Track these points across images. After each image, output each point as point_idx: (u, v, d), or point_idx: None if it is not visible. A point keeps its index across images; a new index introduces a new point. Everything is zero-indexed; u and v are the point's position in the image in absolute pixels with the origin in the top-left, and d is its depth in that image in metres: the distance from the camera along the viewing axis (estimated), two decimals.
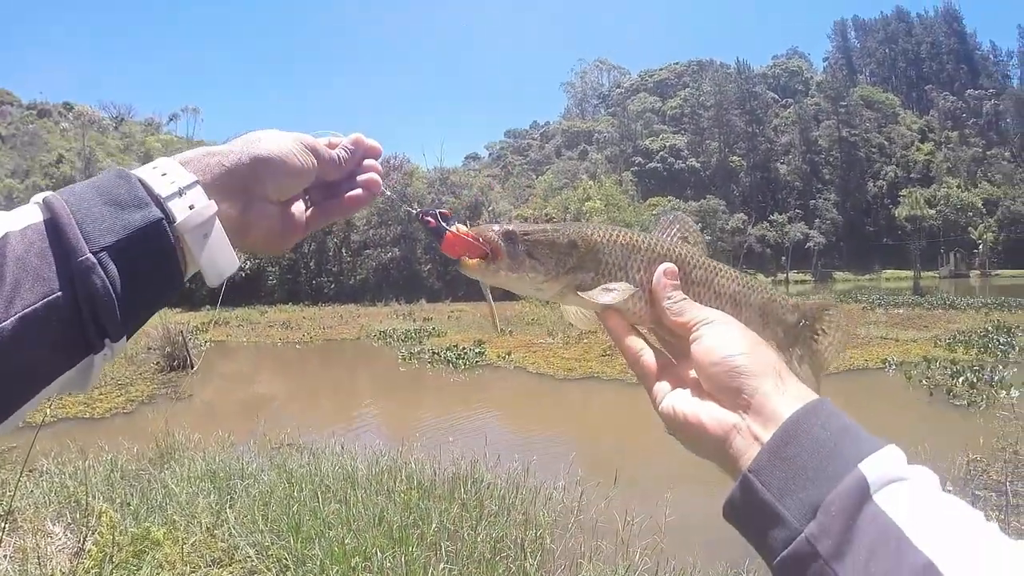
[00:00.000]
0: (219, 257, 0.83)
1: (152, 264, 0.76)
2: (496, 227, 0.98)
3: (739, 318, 0.92)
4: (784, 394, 0.74)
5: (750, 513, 0.70)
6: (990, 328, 22.41)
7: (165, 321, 20.32)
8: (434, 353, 20.75)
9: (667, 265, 0.95)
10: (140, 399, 15.27)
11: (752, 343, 0.81)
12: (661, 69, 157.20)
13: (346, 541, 5.16)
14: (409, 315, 37.23)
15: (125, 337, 0.75)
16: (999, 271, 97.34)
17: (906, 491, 0.63)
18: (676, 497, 6.78)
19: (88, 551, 4.85)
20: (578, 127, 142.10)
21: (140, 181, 0.78)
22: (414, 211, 1.03)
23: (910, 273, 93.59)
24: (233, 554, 5.28)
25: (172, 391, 16.37)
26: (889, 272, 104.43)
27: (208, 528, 5.64)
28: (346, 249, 62.60)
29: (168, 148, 72.10)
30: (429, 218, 1.00)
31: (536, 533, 5.87)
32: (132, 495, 6.61)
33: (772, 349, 0.83)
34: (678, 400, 0.84)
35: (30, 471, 7.41)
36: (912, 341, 20.62)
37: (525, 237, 0.97)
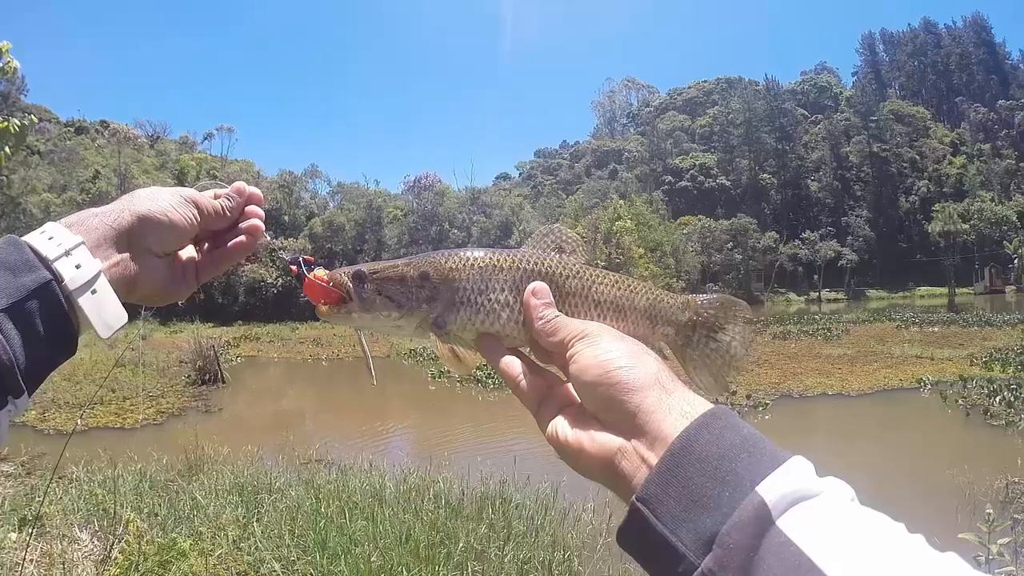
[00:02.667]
0: (107, 311, 0.86)
1: (45, 323, 0.80)
2: (347, 269, 0.98)
3: (624, 325, 0.92)
4: (670, 409, 0.70)
5: (641, 543, 0.65)
6: None
7: (197, 336, 20.52)
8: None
9: (534, 285, 0.92)
10: (171, 411, 15.49)
11: (630, 353, 0.77)
12: (689, 87, 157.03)
13: (372, 559, 5.14)
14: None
15: (27, 394, 0.78)
16: None
17: (813, 512, 0.58)
18: None
19: (114, 559, 4.88)
20: (607, 146, 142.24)
21: (29, 247, 0.82)
22: (285, 258, 1.04)
23: (944, 290, 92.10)
24: (259, 568, 5.28)
25: (203, 404, 16.58)
26: (923, 289, 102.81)
27: (234, 541, 5.65)
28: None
29: (202, 166, 73.19)
30: (293, 266, 1.01)
31: (564, 555, 5.82)
32: (160, 505, 6.66)
33: (655, 356, 0.78)
34: (560, 424, 0.80)
35: (60, 478, 7.50)
36: (947, 360, 20.26)
37: (374, 275, 0.96)
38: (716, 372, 1.02)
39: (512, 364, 0.89)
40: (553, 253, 0.98)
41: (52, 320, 0.80)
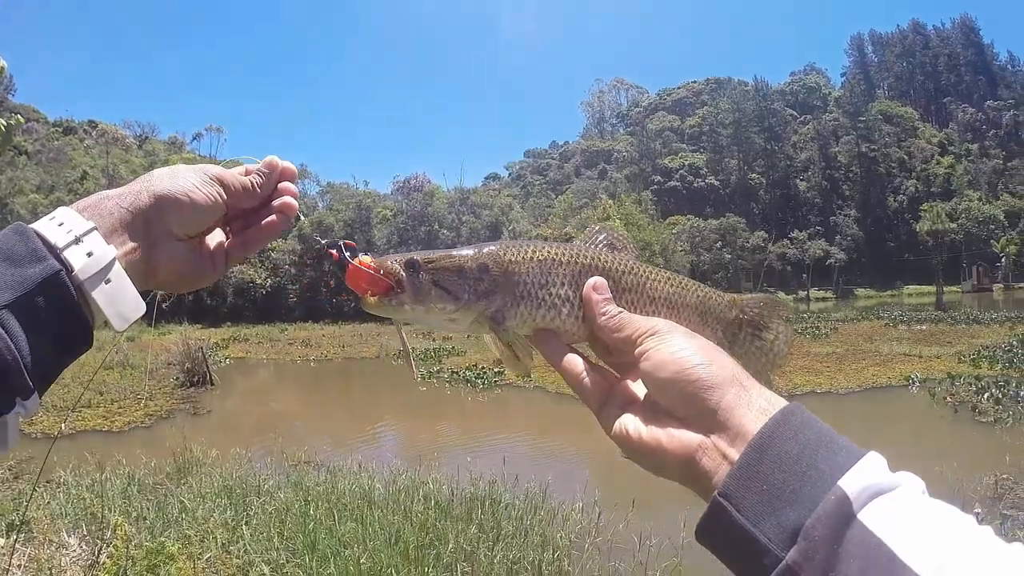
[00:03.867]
0: (122, 301, 0.81)
1: (55, 317, 0.75)
2: (398, 256, 0.92)
3: (677, 321, 0.88)
4: (750, 405, 0.70)
5: (724, 538, 0.65)
6: (1015, 342, 22.08)
7: (186, 337, 20.43)
8: (453, 373, 20.74)
9: (594, 279, 0.90)
10: (159, 413, 15.41)
11: (704, 350, 0.76)
12: (679, 87, 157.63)
13: (362, 561, 5.14)
14: (429, 334, 37.30)
15: (37, 394, 0.74)
16: (1022, 284, 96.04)
17: (892, 504, 0.59)
18: (693, 518, 6.66)
19: (102, 564, 4.84)
20: (597, 146, 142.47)
21: (37, 234, 0.77)
22: (321, 242, 0.98)
23: (932, 288, 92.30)
24: (248, 571, 5.27)
25: (191, 406, 16.51)
26: (911, 287, 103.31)
27: (223, 544, 5.64)
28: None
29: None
30: (333, 250, 0.94)
31: (554, 555, 5.83)
32: (148, 509, 6.63)
33: (726, 353, 0.78)
34: (631, 422, 0.79)
35: (47, 482, 7.46)
36: (936, 357, 20.34)
37: (429, 264, 0.91)
38: (760, 370, 1.02)
39: (575, 361, 0.89)
40: (606, 249, 0.98)
41: (62, 313, 0.75)
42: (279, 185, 1.02)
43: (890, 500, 0.59)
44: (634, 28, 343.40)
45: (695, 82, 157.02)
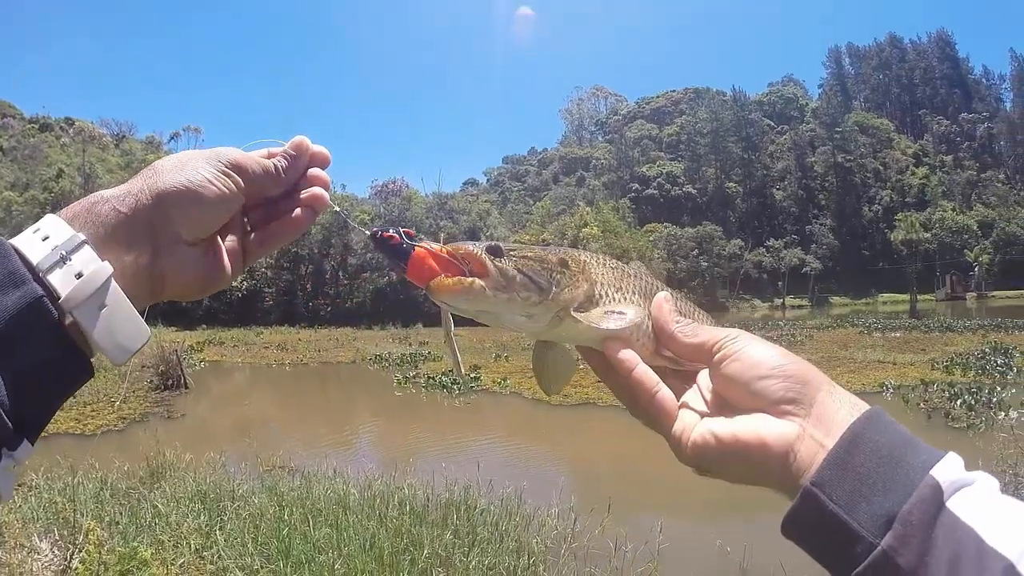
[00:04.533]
0: (122, 330, 0.71)
1: (38, 352, 0.64)
2: (475, 244, 0.85)
3: None
4: (841, 402, 0.71)
5: (814, 528, 0.66)
6: (987, 350, 22.52)
7: (160, 340, 20.24)
8: (429, 378, 20.66)
9: (664, 292, 0.90)
10: (132, 417, 15.24)
11: (790, 353, 0.76)
12: (658, 96, 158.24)
13: (336, 566, 5.13)
14: (405, 339, 37.18)
15: (27, 441, 0.64)
16: (995, 292, 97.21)
17: (975, 495, 0.62)
18: (669, 524, 6.74)
19: (75, 569, 4.80)
20: (575, 154, 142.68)
21: (16, 251, 0.66)
22: (367, 232, 0.88)
23: (906, 296, 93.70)
24: None
25: (165, 410, 16.35)
26: (886, 296, 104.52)
27: (197, 550, 5.60)
28: (343, 272, 62.80)
29: None
30: (392, 234, 0.85)
31: (529, 560, 5.84)
32: (121, 514, 6.57)
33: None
34: (717, 425, 0.75)
35: (19, 485, 7.34)
36: (909, 364, 20.62)
37: (512, 252, 0.85)
38: None
39: (647, 372, 0.82)
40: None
41: (47, 348, 0.65)
42: (308, 172, 0.90)
43: (973, 492, 0.62)
44: (614, 37, 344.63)
45: (674, 91, 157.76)
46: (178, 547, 5.65)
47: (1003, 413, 12.91)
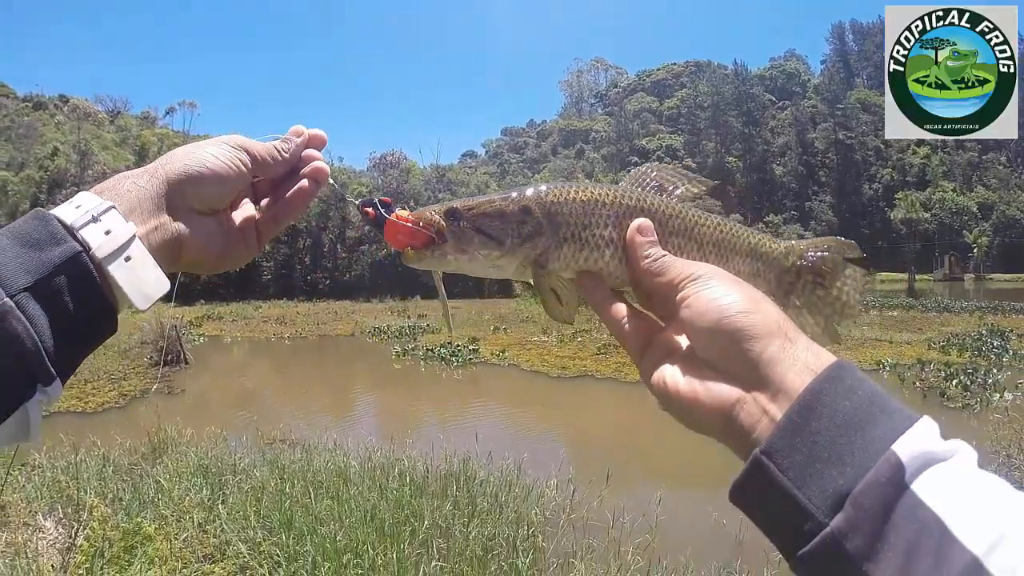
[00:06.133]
0: (144, 279, 0.78)
1: (76, 299, 0.72)
2: (437, 207, 0.90)
3: (727, 269, 0.82)
4: (795, 359, 0.65)
5: (762, 500, 0.62)
6: (984, 331, 22.55)
7: (159, 316, 20.22)
8: (428, 350, 20.74)
9: (639, 221, 0.86)
10: (133, 393, 15.25)
11: (750, 298, 0.71)
12: (658, 69, 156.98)
13: (338, 538, 5.17)
14: (404, 312, 37.19)
15: (60, 380, 0.70)
16: (993, 275, 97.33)
17: (946, 474, 0.56)
18: (667, 496, 6.79)
19: (79, 546, 4.84)
20: (575, 126, 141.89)
21: (56, 219, 0.74)
22: (355, 202, 0.96)
23: (904, 276, 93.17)
24: (225, 550, 5.28)
25: (165, 386, 16.37)
26: (884, 274, 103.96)
27: (200, 524, 5.64)
28: (341, 245, 62.65)
29: (164, 142, 71.86)
30: (368, 208, 0.92)
31: (528, 531, 5.88)
32: (124, 490, 6.61)
33: (772, 303, 0.72)
34: (670, 373, 0.74)
35: (21, 465, 7.38)
36: (906, 343, 20.69)
37: (469, 211, 0.89)
38: (825, 322, 0.97)
39: (616, 307, 0.84)
40: (654, 191, 0.94)
41: (83, 296, 0.72)
42: (306, 152, 0.98)
43: (945, 470, 0.56)
44: (614, 8, 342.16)
45: (675, 64, 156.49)
46: (181, 521, 5.70)
47: (998, 394, 12.98)
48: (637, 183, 0.96)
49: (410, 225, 0.88)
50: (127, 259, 0.76)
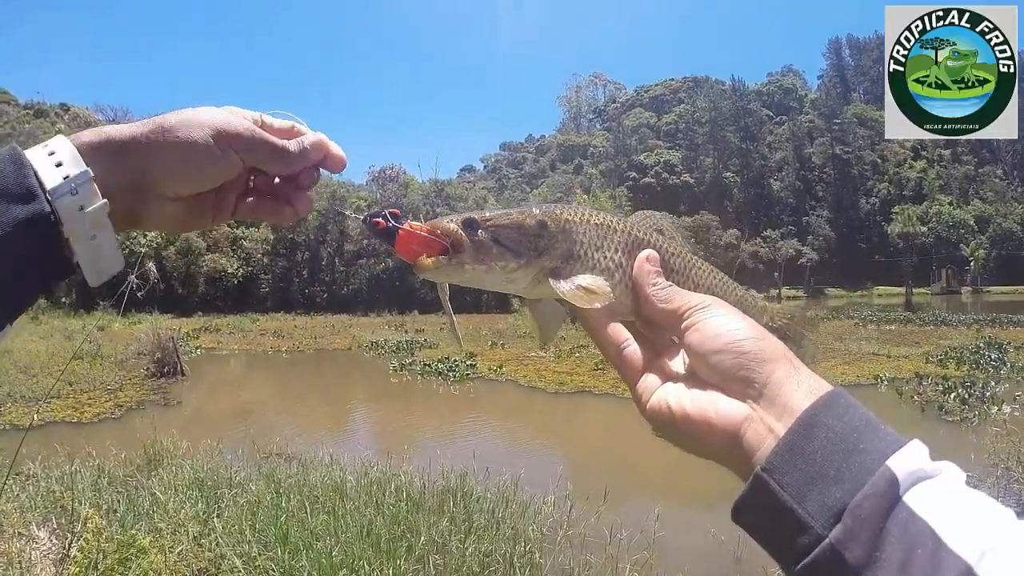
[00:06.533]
0: (104, 258, 0.78)
1: (34, 256, 0.73)
2: (454, 216, 0.89)
3: None
4: (799, 384, 0.68)
5: (764, 516, 0.64)
6: (982, 344, 22.56)
7: (156, 327, 20.21)
8: (425, 365, 20.70)
9: (649, 251, 0.89)
10: (129, 404, 15.23)
11: (757, 328, 0.75)
12: (656, 85, 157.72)
13: (334, 553, 5.14)
14: (401, 326, 37.18)
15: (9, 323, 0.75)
16: (990, 288, 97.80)
17: (936, 489, 0.58)
18: (665, 512, 6.77)
19: (73, 557, 4.81)
20: (573, 141, 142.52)
21: (34, 171, 0.73)
22: (360, 217, 0.93)
23: (902, 289, 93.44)
24: (220, 564, 5.24)
25: (162, 397, 16.35)
26: (881, 288, 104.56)
27: (195, 537, 5.60)
28: (339, 259, 62.68)
29: None
30: (378, 219, 0.90)
31: (525, 548, 5.85)
32: (119, 502, 6.57)
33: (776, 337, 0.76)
34: (673, 394, 0.76)
35: (16, 474, 7.34)
36: (904, 357, 20.71)
37: (487, 223, 0.88)
38: None
39: (618, 329, 0.86)
40: (654, 232, 0.96)
41: (41, 255, 0.73)
42: (312, 171, 0.92)
43: (935, 485, 0.59)
44: (613, 24, 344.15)
45: (672, 80, 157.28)
46: (176, 534, 5.65)
47: (996, 407, 12.95)
48: (643, 221, 0.98)
49: (425, 234, 0.88)
50: (92, 239, 0.76)
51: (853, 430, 0.62)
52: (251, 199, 0.93)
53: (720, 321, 0.75)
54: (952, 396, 14.05)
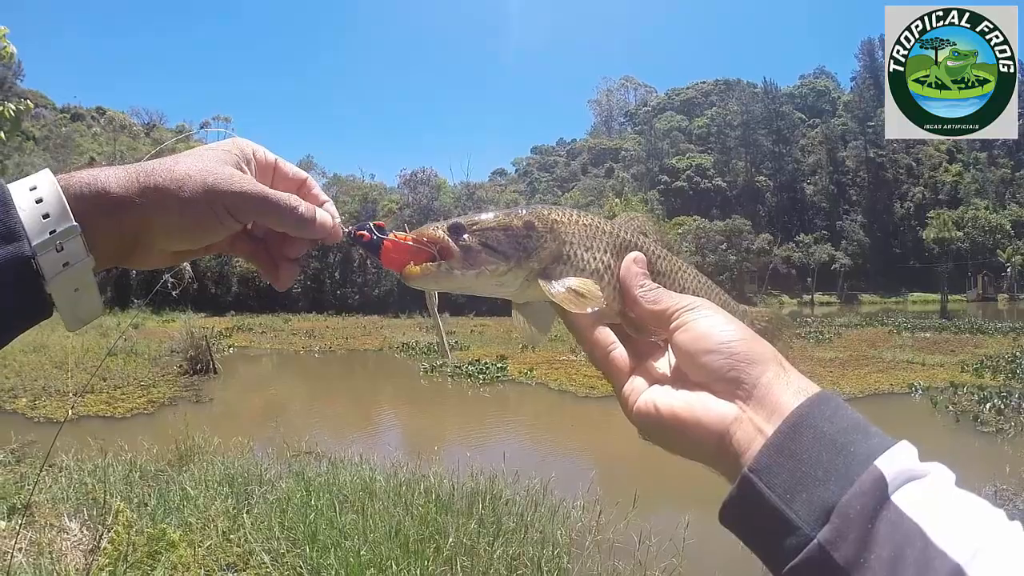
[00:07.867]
0: (83, 307, 0.77)
1: (10, 297, 0.70)
2: (439, 223, 0.88)
3: None
4: (788, 384, 0.69)
5: (752, 517, 0.64)
6: (1018, 353, 22.10)
7: (189, 325, 20.48)
8: (456, 367, 20.74)
9: (636, 253, 0.89)
10: (162, 401, 15.45)
11: (746, 329, 0.75)
12: (688, 88, 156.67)
13: (362, 552, 5.14)
14: (432, 328, 37.21)
15: None
16: None
17: (925, 489, 0.58)
18: (695, 519, 6.69)
19: (103, 549, 4.85)
20: (604, 145, 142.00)
21: (16, 211, 0.71)
22: (344, 231, 0.92)
23: (937, 296, 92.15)
24: (248, 560, 5.29)
25: (194, 394, 16.54)
26: (916, 295, 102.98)
27: (224, 532, 5.65)
28: (371, 261, 63.07)
29: None
30: (363, 232, 0.89)
31: (553, 552, 5.82)
32: (150, 496, 6.65)
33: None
34: (660, 396, 0.76)
35: (50, 466, 7.46)
36: (939, 366, 20.36)
37: (474, 226, 0.87)
38: None
39: (605, 332, 0.86)
40: (640, 235, 0.96)
41: (20, 295, 0.71)
42: (309, 242, 0.93)
43: (924, 485, 0.59)
44: (643, 27, 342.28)
45: (704, 82, 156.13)
46: (205, 529, 5.71)
47: None
48: (628, 223, 0.97)
49: (411, 243, 0.87)
50: (76, 290, 0.74)
51: (841, 431, 0.63)
52: (249, 245, 0.93)
53: (710, 322, 0.76)
54: (987, 406, 13.81)
